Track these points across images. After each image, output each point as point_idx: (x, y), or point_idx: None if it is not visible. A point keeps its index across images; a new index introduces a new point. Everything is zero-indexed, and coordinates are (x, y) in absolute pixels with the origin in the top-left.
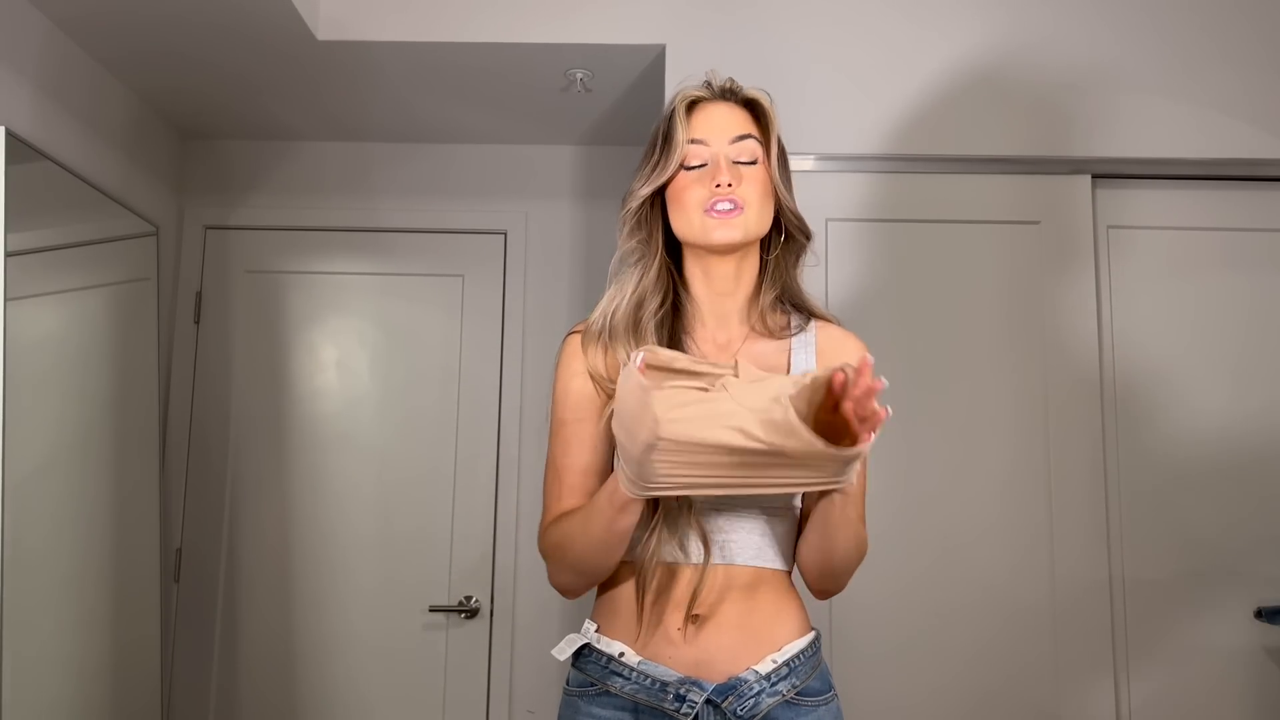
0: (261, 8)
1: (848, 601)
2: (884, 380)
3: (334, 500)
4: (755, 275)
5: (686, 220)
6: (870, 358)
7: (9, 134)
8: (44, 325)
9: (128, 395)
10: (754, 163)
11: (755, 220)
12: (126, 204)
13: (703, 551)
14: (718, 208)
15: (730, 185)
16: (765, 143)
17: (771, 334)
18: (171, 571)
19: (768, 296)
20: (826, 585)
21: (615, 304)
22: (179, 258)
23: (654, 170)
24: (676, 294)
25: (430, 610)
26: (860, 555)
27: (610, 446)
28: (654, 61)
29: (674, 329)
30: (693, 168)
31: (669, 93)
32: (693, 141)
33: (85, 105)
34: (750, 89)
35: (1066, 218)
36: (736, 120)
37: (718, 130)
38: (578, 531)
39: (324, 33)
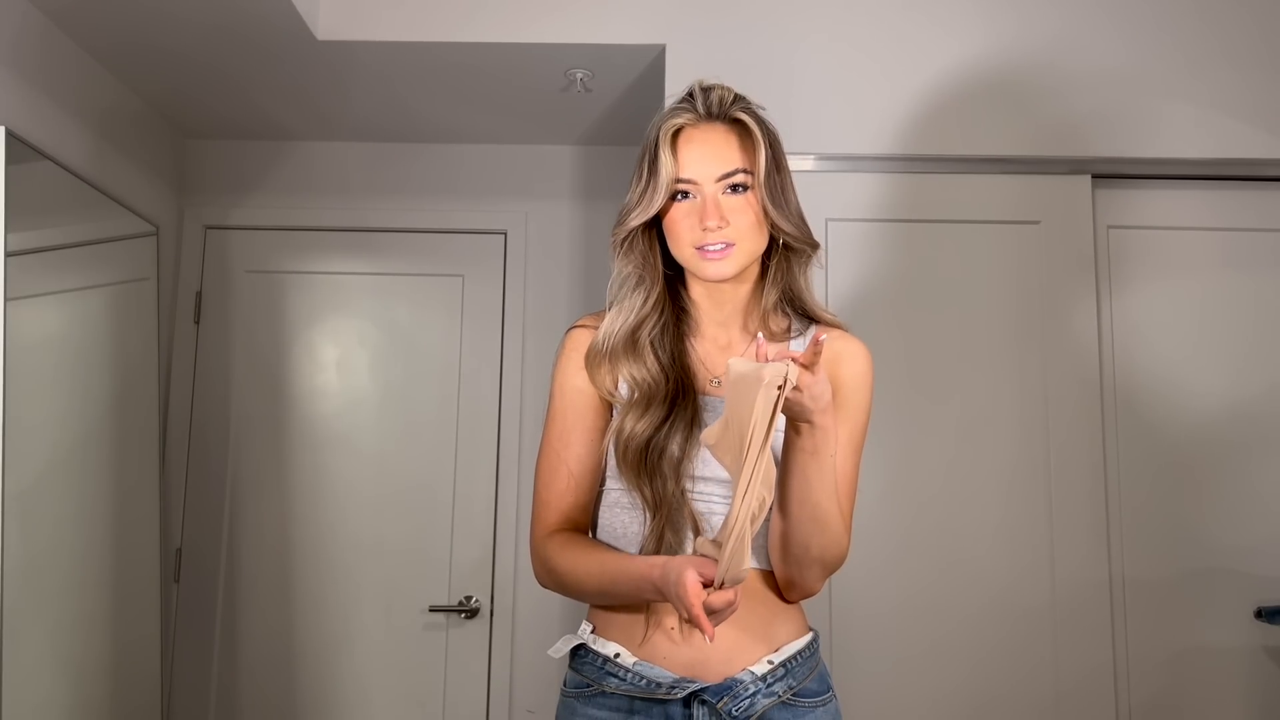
0: (261, 8)
1: (848, 605)
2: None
3: (334, 500)
4: (755, 280)
5: (679, 251)
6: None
7: (9, 134)
8: (44, 325)
9: (128, 395)
10: (746, 188)
11: (748, 252)
12: (126, 204)
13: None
14: (709, 249)
15: (719, 226)
16: (755, 169)
17: (773, 336)
18: (171, 571)
19: (769, 299)
20: (790, 574)
21: (616, 326)
22: (179, 258)
23: (642, 199)
24: (678, 301)
25: (430, 610)
26: (835, 550)
27: (603, 450)
28: (654, 61)
29: (676, 335)
30: (681, 196)
31: (669, 93)
32: (679, 180)
33: (85, 105)
34: (739, 108)
35: (1066, 218)
36: (724, 150)
37: (704, 167)
38: (593, 581)
39: (324, 33)
